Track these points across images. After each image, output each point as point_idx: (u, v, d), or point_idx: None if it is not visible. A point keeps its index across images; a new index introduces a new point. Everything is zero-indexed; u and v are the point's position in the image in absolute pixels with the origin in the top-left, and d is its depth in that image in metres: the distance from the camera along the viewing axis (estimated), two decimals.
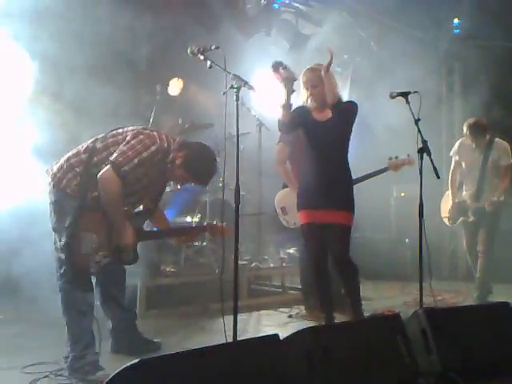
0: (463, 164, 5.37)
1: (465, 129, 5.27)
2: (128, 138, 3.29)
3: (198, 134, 6.05)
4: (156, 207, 3.64)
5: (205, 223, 4.45)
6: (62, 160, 3.37)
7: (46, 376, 3.12)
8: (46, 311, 4.50)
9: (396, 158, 4.85)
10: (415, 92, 3.88)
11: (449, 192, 5.45)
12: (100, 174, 3.19)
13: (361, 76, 7.64)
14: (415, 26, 7.25)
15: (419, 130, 3.82)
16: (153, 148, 3.27)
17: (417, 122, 3.82)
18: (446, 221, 5.52)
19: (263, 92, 5.04)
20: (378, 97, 5.89)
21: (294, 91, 3.82)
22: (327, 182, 3.91)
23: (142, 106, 5.92)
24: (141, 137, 3.28)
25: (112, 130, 3.43)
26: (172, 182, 4.64)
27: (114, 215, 3.23)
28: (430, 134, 4.87)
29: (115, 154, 3.22)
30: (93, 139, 3.41)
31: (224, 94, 3.27)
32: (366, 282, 6.47)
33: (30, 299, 4.90)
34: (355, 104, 4.09)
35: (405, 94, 3.88)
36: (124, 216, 3.27)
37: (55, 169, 3.35)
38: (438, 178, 4.26)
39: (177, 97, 6.25)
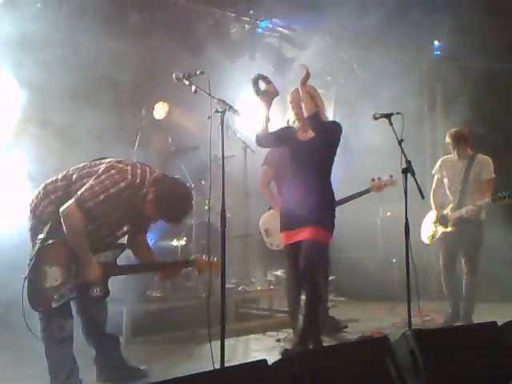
0: (446, 180, 5.35)
1: (447, 139, 5.30)
2: (100, 171, 3.25)
3: (183, 157, 6.06)
4: (136, 239, 3.56)
5: (192, 257, 4.34)
6: (40, 187, 3.36)
7: None
8: (32, 340, 4.43)
9: (379, 179, 4.89)
10: (398, 113, 3.95)
11: (431, 211, 5.42)
12: (63, 208, 3.17)
13: (344, 97, 7.74)
14: (397, 48, 7.39)
15: (403, 151, 3.87)
16: (122, 184, 3.22)
17: (400, 142, 3.89)
18: (424, 239, 5.46)
19: (248, 115, 5.07)
20: (361, 117, 5.96)
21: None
22: (304, 201, 3.92)
23: (127, 130, 5.91)
24: (112, 171, 3.24)
25: (94, 160, 3.41)
26: None
27: (77, 249, 3.19)
28: (413, 153, 4.92)
29: (82, 189, 3.20)
30: (73, 168, 3.39)
31: (209, 118, 3.28)
32: (353, 302, 6.48)
33: (17, 328, 4.81)
34: (339, 125, 4.12)
35: (388, 116, 3.95)
36: (88, 251, 3.20)
37: (33, 196, 3.34)
38: (423, 198, 4.30)
39: (162, 120, 6.27)
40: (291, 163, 4.07)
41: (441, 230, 5.29)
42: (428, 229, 5.45)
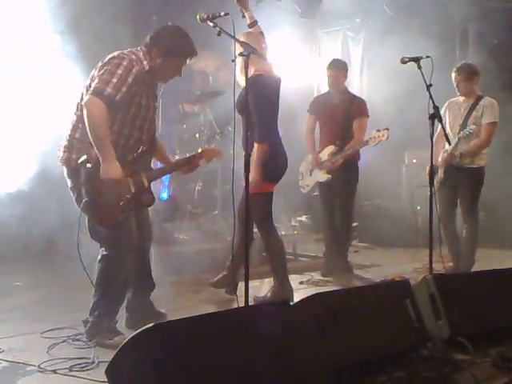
0: (447, 123, 4.85)
1: (454, 74, 4.83)
2: (100, 66, 3.17)
3: (210, 102, 6.05)
4: (154, 143, 3.51)
5: (200, 150, 4.39)
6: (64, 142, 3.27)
7: (64, 341, 3.21)
8: (62, 277, 4.64)
9: (378, 131, 4.87)
10: (427, 57, 3.83)
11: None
12: (83, 101, 3.08)
13: (373, 40, 7.52)
14: None
15: (431, 96, 3.79)
16: (124, 63, 3.14)
17: (428, 87, 3.79)
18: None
19: (273, 58, 5.01)
20: (390, 61, 5.82)
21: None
22: None
23: None
24: (115, 61, 3.15)
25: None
26: None
27: (98, 143, 3.03)
28: (442, 99, 4.84)
29: (94, 83, 3.10)
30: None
31: (233, 61, 3.26)
32: (377, 248, 6.55)
33: (47, 266, 5.04)
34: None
35: (416, 59, 3.84)
36: (110, 147, 3.07)
37: (61, 152, 3.26)
38: (450, 144, 4.24)
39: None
40: None
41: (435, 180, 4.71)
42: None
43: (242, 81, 3.53)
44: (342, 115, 5.10)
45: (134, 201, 3.24)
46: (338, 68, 5.20)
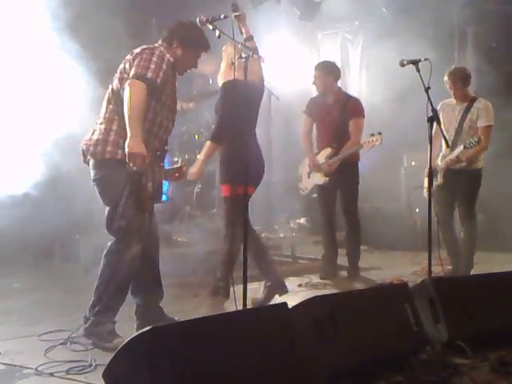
0: (442, 125, 4.67)
1: (446, 78, 4.79)
2: (134, 56, 3.23)
3: (207, 101, 6.05)
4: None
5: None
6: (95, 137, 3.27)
7: (61, 343, 3.19)
8: (60, 280, 4.64)
9: (372, 135, 4.85)
10: (426, 59, 3.84)
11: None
12: (126, 84, 3.12)
13: (371, 43, 7.53)
14: None
15: (429, 99, 3.79)
16: (157, 52, 3.25)
17: (427, 90, 3.79)
18: (424, 192, 4.75)
19: (272, 61, 5.02)
20: (388, 64, 5.83)
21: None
22: None
23: None
24: (148, 51, 3.24)
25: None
26: None
27: (131, 121, 3.08)
28: (441, 101, 4.84)
29: (133, 70, 3.16)
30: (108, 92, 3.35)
31: (233, 63, 3.26)
32: (376, 251, 6.54)
33: (46, 268, 5.03)
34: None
35: (415, 62, 3.85)
36: (140, 126, 3.13)
37: (91, 146, 3.25)
38: (448, 146, 4.25)
39: None
40: None
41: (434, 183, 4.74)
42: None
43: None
44: (337, 116, 5.07)
45: (156, 192, 3.31)
46: (323, 69, 5.11)
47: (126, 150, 3.06)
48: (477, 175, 4.82)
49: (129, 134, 3.07)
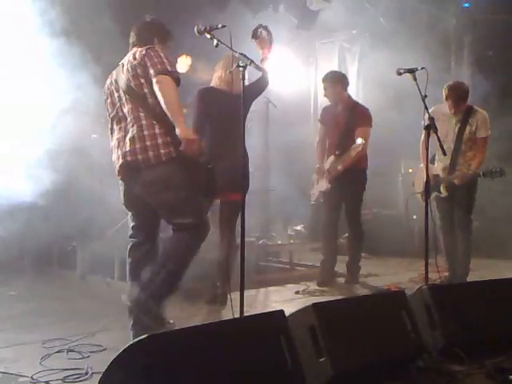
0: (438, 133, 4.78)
1: (444, 92, 4.79)
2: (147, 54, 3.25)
3: None
4: None
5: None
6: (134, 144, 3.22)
7: (58, 351, 3.18)
8: (57, 287, 4.63)
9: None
10: (422, 68, 3.87)
11: (421, 165, 4.88)
12: (157, 86, 3.12)
13: (369, 51, 7.58)
14: (424, 0, 7.16)
15: (426, 107, 3.82)
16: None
17: (424, 98, 3.82)
18: (419, 197, 4.95)
19: (270, 69, 5.04)
20: (385, 72, 5.86)
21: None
22: None
23: None
24: (154, 49, 3.27)
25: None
26: None
27: (174, 113, 3.10)
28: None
29: (151, 70, 3.16)
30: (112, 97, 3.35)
31: (230, 72, 3.28)
32: (373, 257, 6.55)
33: (42, 275, 5.02)
34: None
35: (412, 71, 3.88)
36: (183, 115, 3.19)
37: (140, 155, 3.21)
38: (445, 155, 4.27)
39: (185, 74, 6.26)
40: None
41: (434, 193, 4.88)
42: (420, 185, 4.91)
43: None
44: (343, 124, 5.10)
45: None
46: (332, 80, 5.17)
47: (182, 139, 3.08)
48: (473, 179, 4.83)
49: (177, 124, 3.09)
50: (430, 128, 3.86)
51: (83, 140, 4.88)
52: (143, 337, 2.13)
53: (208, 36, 3.33)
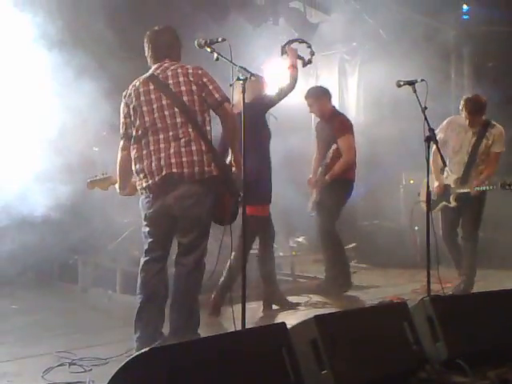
0: (450, 144, 4.91)
1: (462, 105, 4.82)
2: (206, 77, 3.36)
3: None
4: None
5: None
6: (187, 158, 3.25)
7: (60, 364, 3.18)
8: (59, 301, 4.63)
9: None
10: (422, 80, 3.89)
11: (432, 175, 4.85)
12: (224, 112, 3.29)
13: (369, 63, 7.62)
14: (424, 12, 7.21)
15: (426, 119, 3.84)
16: None
17: (423, 110, 3.84)
18: (423, 206, 4.70)
19: (270, 82, 5.07)
20: (385, 84, 5.89)
21: None
22: None
23: None
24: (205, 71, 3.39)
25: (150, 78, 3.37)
26: None
27: (236, 141, 3.28)
28: (438, 121, 4.88)
29: (216, 94, 3.30)
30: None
31: (231, 85, 3.29)
32: (375, 269, 6.54)
33: (45, 289, 5.02)
34: None
35: (411, 83, 3.90)
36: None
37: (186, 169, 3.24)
38: (445, 165, 4.29)
39: None
40: None
41: (442, 203, 4.97)
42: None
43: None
44: (327, 136, 5.19)
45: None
46: (314, 95, 5.25)
47: (236, 164, 3.34)
48: (483, 195, 4.89)
49: (235, 150, 3.35)
50: (431, 140, 3.87)
51: (86, 153, 4.91)
52: (145, 350, 2.13)
53: (208, 50, 3.35)
